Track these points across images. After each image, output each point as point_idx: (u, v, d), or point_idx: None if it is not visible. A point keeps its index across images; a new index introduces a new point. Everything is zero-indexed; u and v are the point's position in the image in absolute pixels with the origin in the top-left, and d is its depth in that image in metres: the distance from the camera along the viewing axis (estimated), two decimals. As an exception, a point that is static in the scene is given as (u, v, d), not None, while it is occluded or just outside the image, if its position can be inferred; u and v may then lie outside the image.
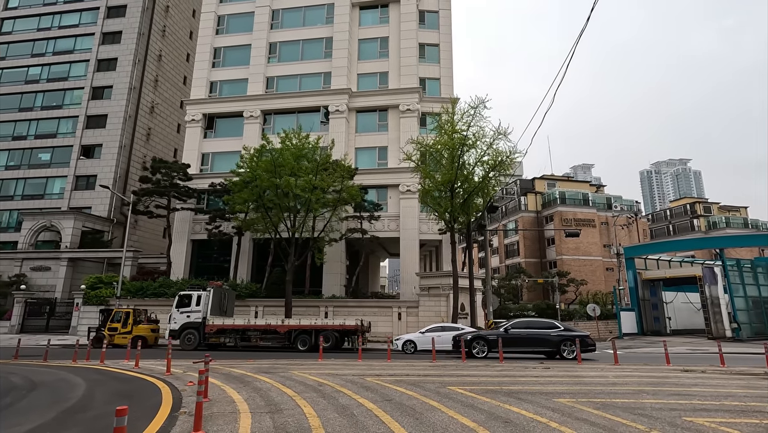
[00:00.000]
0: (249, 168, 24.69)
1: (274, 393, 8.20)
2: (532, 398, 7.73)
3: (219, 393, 8.24)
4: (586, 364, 13.86)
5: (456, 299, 23.71)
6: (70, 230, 34.95)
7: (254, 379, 10.02)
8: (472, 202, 24.68)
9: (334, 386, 8.94)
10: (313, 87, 36.33)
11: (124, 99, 40.60)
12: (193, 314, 22.33)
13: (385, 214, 32.85)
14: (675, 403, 7.35)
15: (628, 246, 41.66)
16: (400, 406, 7.01)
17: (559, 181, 62.61)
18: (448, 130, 23.24)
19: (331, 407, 6.97)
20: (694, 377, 10.61)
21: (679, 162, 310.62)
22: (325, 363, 13.88)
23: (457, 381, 9.82)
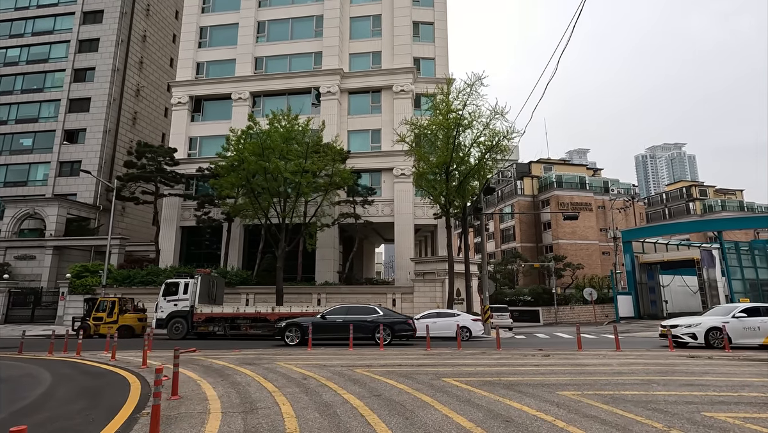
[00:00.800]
0: (236, 151, 23.70)
1: (253, 388, 7.51)
2: (533, 391, 7.09)
3: (193, 389, 7.54)
4: (586, 351, 13.32)
5: (451, 284, 23.14)
6: (54, 218, 33.93)
7: (235, 372, 9.34)
8: (468, 185, 23.95)
9: (320, 380, 8.27)
10: (304, 67, 35.11)
11: (108, 81, 39.15)
12: (180, 303, 21.61)
13: (379, 199, 32.06)
14: (690, 395, 6.74)
15: (626, 229, 41.24)
16: (389, 403, 6.34)
17: (555, 165, 61.90)
18: (443, 110, 22.33)
19: (312, 405, 6.28)
20: (702, 363, 10.05)
21: (674, 146, 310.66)
22: (315, 353, 13.25)
23: (453, 372, 9.19)
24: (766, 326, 13.65)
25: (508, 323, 28.97)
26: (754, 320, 13.78)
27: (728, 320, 13.94)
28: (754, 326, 13.74)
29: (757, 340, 13.68)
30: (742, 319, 13.86)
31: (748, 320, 13.82)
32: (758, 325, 13.71)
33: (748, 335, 13.71)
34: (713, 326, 13.98)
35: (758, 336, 13.67)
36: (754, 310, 14.15)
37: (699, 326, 14.06)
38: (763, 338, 13.63)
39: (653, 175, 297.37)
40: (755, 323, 13.74)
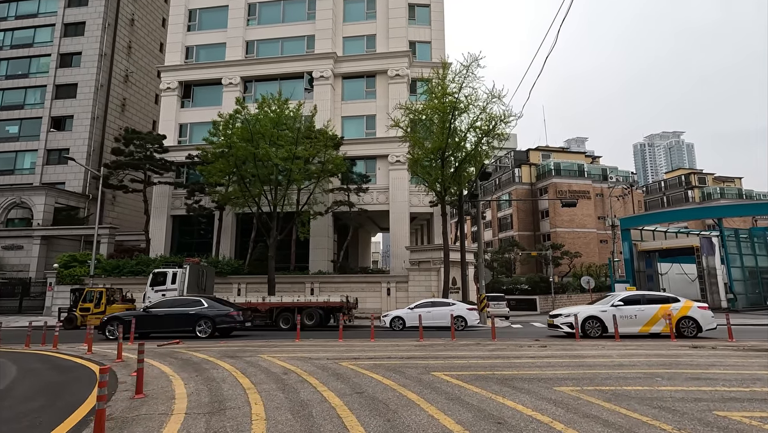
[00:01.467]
0: (224, 136, 22.91)
1: (227, 385, 6.97)
2: (529, 387, 6.57)
3: (162, 386, 6.99)
4: (585, 341, 12.84)
5: (447, 273, 22.64)
6: (41, 207, 33.16)
7: (213, 366, 8.80)
8: (464, 172, 23.31)
9: (301, 374, 7.73)
10: (296, 51, 34.10)
11: (95, 67, 38.05)
12: (168, 293, 20.99)
13: (374, 187, 31.40)
14: (697, 391, 6.22)
15: (624, 217, 40.76)
16: (371, 402, 5.80)
17: (554, 153, 61.20)
18: (438, 93, 21.57)
19: (287, 404, 5.74)
20: (706, 354, 9.56)
21: (673, 135, 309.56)
22: (302, 344, 12.73)
23: (444, 365, 8.67)
24: (642, 314, 13.66)
25: (505, 312, 28.58)
26: (631, 309, 13.79)
27: (606, 309, 13.94)
28: (631, 315, 13.74)
29: (634, 328, 13.68)
30: (620, 308, 13.83)
31: (626, 308, 13.81)
32: (635, 313, 13.72)
33: (626, 323, 13.69)
34: (590, 315, 13.97)
35: (635, 324, 13.69)
36: (633, 299, 14.13)
37: (577, 315, 14.10)
38: (640, 326, 13.63)
39: (651, 164, 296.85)
40: (632, 312, 13.75)
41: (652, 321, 13.54)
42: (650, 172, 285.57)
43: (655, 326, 13.54)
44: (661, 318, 13.46)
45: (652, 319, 13.57)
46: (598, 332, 13.77)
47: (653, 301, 13.98)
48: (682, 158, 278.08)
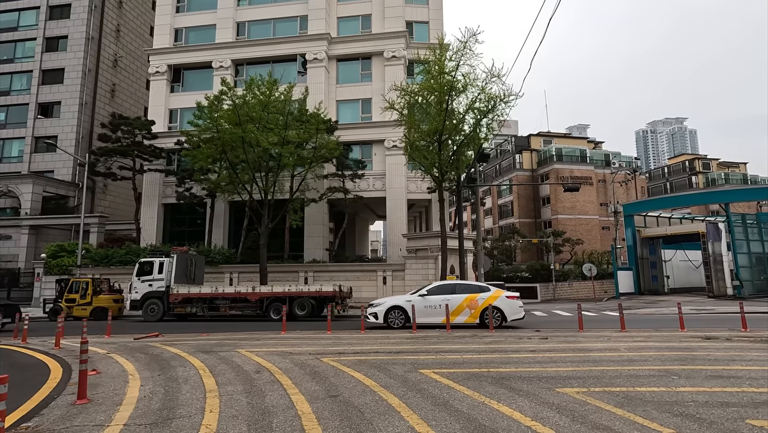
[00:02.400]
0: (209, 119, 21.91)
1: (189, 387, 6.19)
2: (528, 388, 5.77)
3: (114, 388, 6.21)
4: (588, 331, 12.06)
5: (444, 261, 21.81)
6: (29, 195, 32.31)
7: (182, 363, 8.02)
8: (462, 155, 22.31)
9: (275, 373, 6.95)
10: (289, 33, 32.85)
11: (82, 51, 36.82)
12: (155, 283, 20.33)
13: (370, 173, 30.46)
14: (722, 392, 5.41)
15: (627, 203, 39.82)
16: (344, 408, 5.00)
17: (555, 138, 59.97)
18: (435, 73, 20.47)
19: (247, 411, 4.94)
20: (723, 347, 8.76)
21: (676, 121, 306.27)
22: (287, 337, 11.98)
23: (435, 361, 7.88)
24: (448, 304, 13.26)
25: (505, 300, 27.87)
26: (437, 299, 13.44)
27: (410, 298, 13.64)
28: (436, 305, 13.39)
29: (438, 318, 13.30)
30: (426, 298, 13.49)
31: (431, 298, 13.47)
32: (440, 303, 13.36)
33: (431, 313, 13.36)
34: (394, 305, 13.60)
35: (440, 315, 13.28)
36: (442, 289, 13.82)
37: (381, 305, 13.64)
38: (443, 316, 13.16)
39: (654, 151, 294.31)
40: (437, 302, 13.38)
41: (457, 311, 13.23)
42: (653, 158, 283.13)
43: (460, 316, 13.25)
44: (466, 308, 13.19)
45: (457, 309, 13.26)
46: (400, 322, 13.41)
47: (464, 291, 13.64)
48: (685, 145, 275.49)
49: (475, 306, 13.21)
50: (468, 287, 13.95)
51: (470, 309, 13.13)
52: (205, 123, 22.51)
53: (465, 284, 14.41)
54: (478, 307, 13.22)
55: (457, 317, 13.24)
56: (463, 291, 13.68)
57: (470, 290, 13.71)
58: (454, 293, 13.62)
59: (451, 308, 13.20)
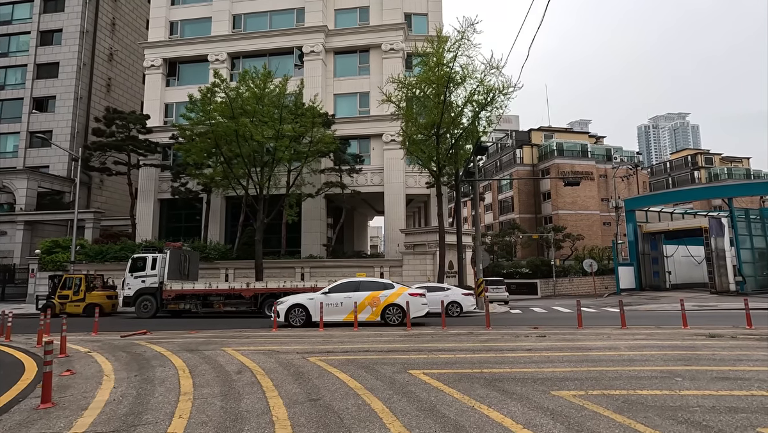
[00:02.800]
0: (202, 112, 21.50)
1: (163, 389, 5.85)
2: (522, 391, 5.42)
3: (84, 391, 5.88)
4: (588, 329, 11.71)
5: (442, 256, 21.48)
6: (24, 191, 32.00)
7: (164, 362, 7.69)
8: (460, 150, 21.93)
9: (257, 374, 6.62)
10: (285, 25, 32.34)
11: (76, 44, 36.36)
12: (148, 279, 20.03)
13: (368, 167, 30.06)
14: (729, 396, 5.05)
15: (629, 198, 39.38)
16: (323, 414, 4.65)
17: (556, 133, 59.38)
18: (432, 64, 20.03)
19: (218, 418, 4.60)
20: (728, 346, 8.40)
21: (678, 116, 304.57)
22: (278, 334, 11.65)
23: (426, 360, 7.54)
24: (349, 302, 13.19)
25: (504, 296, 27.54)
26: (338, 296, 13.37)
27: (313, 296, 13.57)
28: (337, 302, 13.31)
29: (339, 316, 13.24)
30: (329, 295, 13.42)
31: (333, 296, 13.39)
32: (341, 301, 13.30)
33: (332, 311, 13.24)
34: (296, 303, 13.49)
35: (341, 312, 13.26)
36: (346, 286, 13.73)
37: (284, 303, 13.47)
38: (345, 314, 13.15)
39: (656, 146, 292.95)
40: (339, 299, 13.31)
41: (359, 309, 13.08)
42: (655, 154, 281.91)
43: (362, 313, 13.12)
44: (368, 305, 13.08)
45: (358, 307, 13.09)
46: (302, 320, 13.29)
47: (367, 288, 13.52)
48: (687, 140, 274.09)
49: (377, 304, 13.16)
50: (372, 285, 13.84)
51: (372, 307, 13.08)
52: (198, 116, 22.10)
53: (369, 281, 14.31)
54: (379, 304, 13.18)
55: (359, 314, 13.13)
56: (367, 289, 13.58)
57: (374, 288, 13.61)
58: (358, 290, 13.52)
59: (352, 306, 13.11)
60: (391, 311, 13.09)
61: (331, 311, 13.18)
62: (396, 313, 13.15)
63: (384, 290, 13.38)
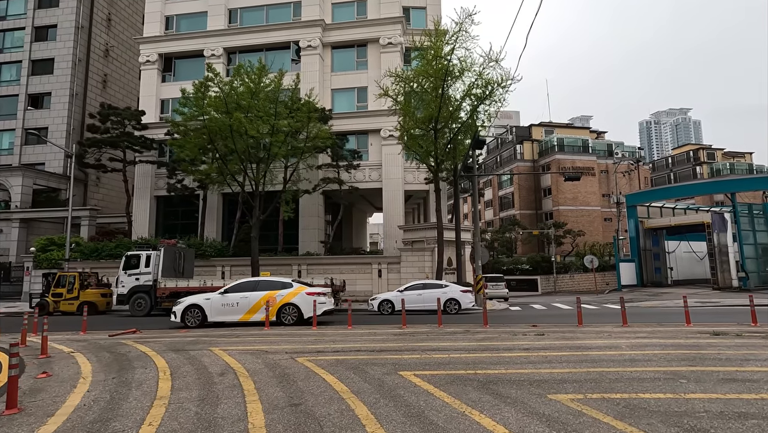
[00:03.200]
0: (195, 106, 21.14)
1: (139, 393, 5.55)
2: (517, 394, 5.11)
3: (55, 395, 5.58)
4: (588, 327, 11.40)
5: (440, 253, 21.17)
6: (19, 188, 31.74)
7: (146, 363, 7.40)
8: (459, 144, 21.57)
9: (241, 376, 6.32)
10: (282, 19, 31.92)
11: (71, 40, 36.00)
12: (142, 277, 19.77)
13: (366, 163, 29.70)
14: (738, 400, 4.73)
15: (630, 193, 38.98)
16: (302, 420, 4.35)
17: (557, 128, 58.91)
18: (430, 57, 19.64)
19: (190, 424, 4.30)
20: (734, 344, 8.08)
21: (680, 111, 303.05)
22: (269, 333, 11.36)
23: (419, 361, 7.23)
24: (245, 302, 13.01)
25: (504, 293, 27.29)
26: (234, 296, 13.16)
27: (210, 297, 13.40)
28: (233, 303, 13.10)
29: (235, 317, 13.04)
30: (225, 295, 13.24)
31: (229, 296, 13.22)
32: (237, 301, 13.09)
33: (227, 311, 13.07)
34: (192, 304, 13.29)
35: (237, 312, 13.07)
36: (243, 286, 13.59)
37: (182, 303, 13.31)
38: (241, 314, 12.98)
39: (657, 142, 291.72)
40: (235, 299, 13.10)
41: (254, 309, 12.94)
42: (656, 150, 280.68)
43: (257, 313, 12.93)
44: (264, 305, 12.83)
45: (254, 306, 12.96)
46: (197, 321, 13.05)
47: (265, 287, 13.35)
48: (689, 136, 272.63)
49: (273, 303, 13.00)
50: (270, 284, 13.63)
51: (267, 306, 12.85)
52: (191, 111, 21.75)
53: (268, 280, 14.13)
54: (275, 304, 13.02)
55: (255, 314, 12.96)
56: (265, 288, 13.38)
57: (271, 287, 13.43)
58: (255, 290, 13.32)
59: (249, 306, 12.98)
60: (286, 311, 12.94)
61: (227, 311, 13.06)
62: (291, 312, 13.02)
63: (281, 290, 13.20)
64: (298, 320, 12.93)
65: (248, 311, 12.87)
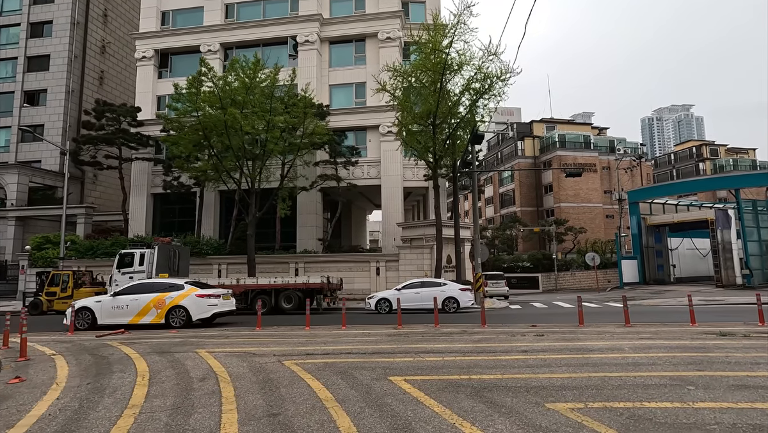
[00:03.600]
0: (189, 101, 20.79)
1: (111, 400, 5.23)
2: (513, 402, 4.77)
3: (24, 402, 5.26)
4: (589, 326, 11.05)
5: (439, 250, 20.83)
6: (14, 186, 31.46)
7: (126, 366, 7.08)
8: (458, 140, 21.19)
9: (222, 381, 5.99)
10: (279, 14, 31.52)
11: (67, 36, 35.63)
12: (136, 275, 19.35)
13: (365, 160, 29.36)
14: (751, 409, 4.37)
15: (633, 190, 38.54)
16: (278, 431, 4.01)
17: (559, 124, 58.38)
18: (428, 51, 19.24)
19: (156, 438, 3.96)
20: (742, 346, 7.71)
21: (682, 108, 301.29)
22: (260, 333, 11.05)
23: (411, 364, 6.89)
24: (135, 304, 12.84)
25: (504, 291, 26.94)
26: (124, 299, 12.99)
27: (101, 299, 13.35)
28: (123, 305, 12.92)
29: (125, 319, 12.85)
30: (115, 298, 13.08)
31: (120, 298, 13.05)
32: (127, 303, 12.90)
33: (118, 314, 12.88)
34: (82, 306, 13.09)
35: (127, 315, 12.88)
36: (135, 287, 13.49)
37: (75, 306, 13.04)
38: (131, 316, 12.80)
39: (660, 138, 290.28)
40: (125, 302, 12.91)
41: (144, 311, 12.81)
42: (659, 146, 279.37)
43: (147, 316, 12.83)
44: (153, 307, 12.78)
45: (144, 309, 12.81)
46: (87, 323, 12.87)
47: (157, 289, 13.16)
48: (692, 132, 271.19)
49: (162, 305, 12.80)
50: (161, 286, 13.42)
51: (157, 309, 12.75)
52: (184, 106, 21.40)
53: (161, 282, 13.97)
54: (165, 306, 12.81)
55: (144, 316, 12.80)
56: (156, 290, 13.15)
57: (162, 289, 13.21)
58: (147, 292, 13.14)
59: (139, 308, 12.80)
60: (175, 313, 12.73)
61: (117, 314, 12.87)
62: (180, 315, 12.80)
63: (171, 292, 13.00)
64: (187, 322, 12.73)
65: (137, 314, 12.74)
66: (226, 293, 13.92)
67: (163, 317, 12.74)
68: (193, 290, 13.12)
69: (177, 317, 12.75)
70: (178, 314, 12.76)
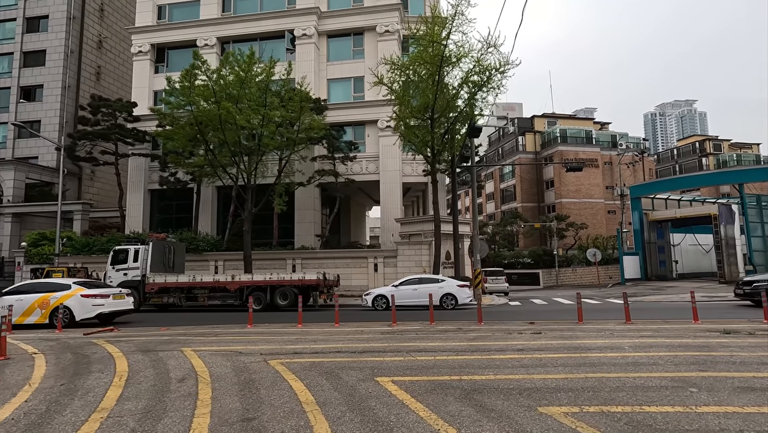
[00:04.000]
0: (182, 95, 20.48)
1: (81, 403, 4.97)
2: (504, 405, 4.48)
3: (-11, 405, 4.99)
4: (589, 323, 10.76)
5: (438, 246, 20.53)
6: (11, 182, 31.28)
7: (108, 366, 6.83)
8: (456, 134, 20.85)
9: (202, 382, 5.73)
10: (277, 7, 31.11)
11: (63, 31, 35.33)
12: (130, 272, 19.26)
13: (363, 155, 29.03)
14: (758, 414, 4.08)
15: (635, 185, 38.13)
16: (248, 441, 3.73)
17: (560, 119, 57.86)
18: (425, 43, 18.86)
19: (118, 446, 3.69)
20: (747, 345, 7.41)
21: (685, 103, 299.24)
22: (250, 331, 10.80)
23: (400, 364, 6.61)
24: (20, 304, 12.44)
25: (504, 287, 26.65)
26: (9, 299, 12.50)
27: None
28: (7, 305, 12.08)
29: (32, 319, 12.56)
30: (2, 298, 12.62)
31: (4, 298, 12.55)
32: (11, 303, 12.13)
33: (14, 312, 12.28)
34: None
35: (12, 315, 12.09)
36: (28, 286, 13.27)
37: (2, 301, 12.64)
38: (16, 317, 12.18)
39: (662, 134, 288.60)
40: (9, 302, 12.18)
41: (29, 312, 12.57)
42: (661, 142, 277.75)
43: (31, 316, 12.64)
44: (38, 308, 12.55)
45: (28, 309, 12.56)
46: None
47: (42, 289, 12.93)
48: (695, 127, 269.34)
49: (47, 306, 12.57)
50: (48, 286, 13.16)
51: (41, 309, 12.51)
52: (178, 100, 21.09)
53: (48, 282, 13.79)
54: (49, 306, 12.58)
55: (29, 317, 12.54)
56: (42, 290, 12.91)
57: (48, 289, 12.97)
58: (33, 292, 12.89)
59: (23, 308, 12.52)
60: (59, 313, 12.50)
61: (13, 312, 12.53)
62: (64, 315, 12.58)
63: (56, 292, 12.76)
64: (71, 322, 12.48)
65: (22, 314, 12.47)
66: (119, 293, 13.68)
67: (47, 317, 12.55)
68: (80, 290, 12.91)
69: (61, 316, 12.49)
70: (63, 314, 12.53)
